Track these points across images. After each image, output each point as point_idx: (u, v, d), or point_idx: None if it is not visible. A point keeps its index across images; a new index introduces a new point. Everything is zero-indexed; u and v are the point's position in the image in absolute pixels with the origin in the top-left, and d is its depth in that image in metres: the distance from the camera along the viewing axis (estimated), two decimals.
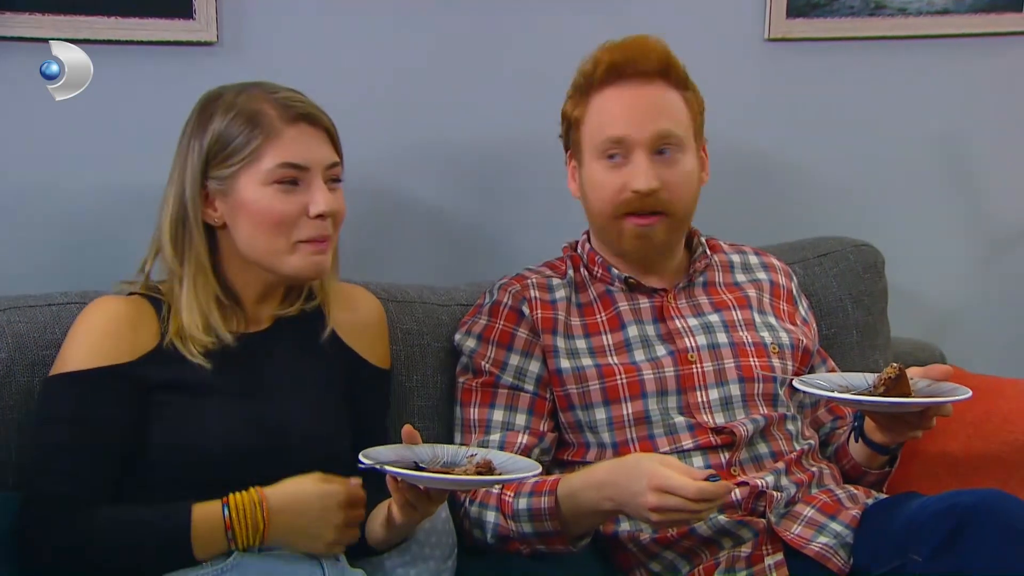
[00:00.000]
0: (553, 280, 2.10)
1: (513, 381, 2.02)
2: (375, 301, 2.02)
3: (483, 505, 1.93)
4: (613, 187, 2.01)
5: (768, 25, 2.53)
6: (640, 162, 1.99)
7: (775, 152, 2.59)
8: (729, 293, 2.12)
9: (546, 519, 1.86)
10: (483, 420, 2.02)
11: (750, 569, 1.89)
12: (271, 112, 1.78)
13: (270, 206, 1.77)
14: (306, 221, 1.79)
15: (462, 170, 2.40)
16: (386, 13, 2.31)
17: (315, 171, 1.79)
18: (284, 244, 1.79)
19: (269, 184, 1.77)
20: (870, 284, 2.44)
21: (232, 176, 1.78)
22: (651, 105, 2.02)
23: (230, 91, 1.81)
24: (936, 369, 1.87)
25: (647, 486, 1.72)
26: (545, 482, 1.88)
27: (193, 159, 1.79)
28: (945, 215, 2.71)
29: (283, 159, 1.77)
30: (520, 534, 1.89)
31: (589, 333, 2.05)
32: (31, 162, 2.14)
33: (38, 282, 2.01)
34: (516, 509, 1.88)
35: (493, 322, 2.06)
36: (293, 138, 1.78)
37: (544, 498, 1.86)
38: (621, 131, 2.00)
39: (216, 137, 1.78)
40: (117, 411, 1.75)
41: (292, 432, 1.81)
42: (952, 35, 2.64)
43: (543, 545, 1.89)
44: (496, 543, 1.92)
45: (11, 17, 2.07)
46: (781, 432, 2.03)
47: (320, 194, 1.78)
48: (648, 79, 2.02)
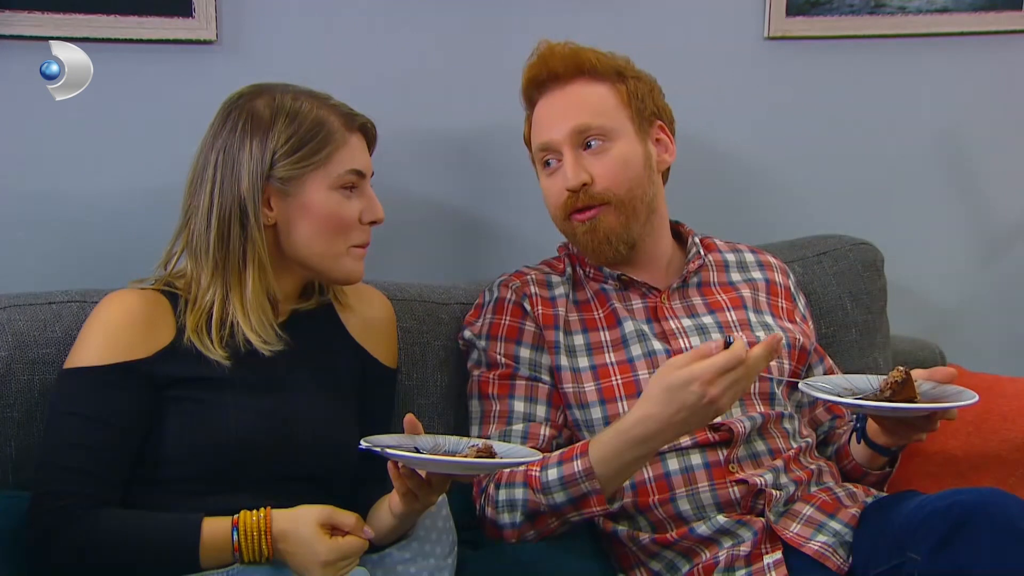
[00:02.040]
0: (552, 277, 2.10)
1: (530, 372, 2.03)
2: (385, 300, 2.04)
3: (510, 485, 1.91)
4: (554, 192, 2.05)
5: (768, 24, 2.53)
6: (567, 161, 2.03)
7: (774, 150, 2.59)
8: (724, 293, 2.12)
9: (582, 480, 1.84)
10: (504, 411, 2.01)
11: (749, 568, 1.89)
12: (336, 120, 1.84)
13: (337, 210, 1.84)
14: (359, 226, 1.86)
15: (462, 168, 2.40)
16: (385, 12, 2.31)
17: (367, 179, 1.89)
18: (341, 247, 1.85)
19: (336, 189, 1.83)
20: (869, 282, 2.44)
21: (299, 178, 1.82)
22: (567, 105, 2.05)
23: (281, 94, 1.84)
24: (940, 371, 1.87)
25: (700, 382, 1.72)
26: (573, 449, 1.87)
27: (255, 159, 1.81)
28: (945, 213, 2.71)
29: (351, 165, 1.85)
30: (553, 505, 1.87)
31: (587, 328, 2.05)
32: (31, 160, 2.14)
33: (39, 280, 2.02)
34: (547, 481, 1.87)
35: (499, 319, 2.06)
36: (355, 146, 1.87)
37: (576, 462, 1.85)
38: (545, 136, 2.05)
39: (286, 139, 1.81)
40: (131, 408, 1.76)
41: (304, 427, 1.82)
42: (952, 33, 2.63)
43: (576, 513, 1.87)
44: (525, 522, 1.90)
45: (11, 15, 2.07)
46: (778, 430, 2.03)
47: (374, 201, 1.88)
48: (565, 81, 2.06)
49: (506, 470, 1.92)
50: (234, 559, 1.71)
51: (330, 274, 1.88)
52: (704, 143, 2.12)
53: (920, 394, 1.81)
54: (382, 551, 1.89)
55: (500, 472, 1.93)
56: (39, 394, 1.88)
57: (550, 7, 2.37)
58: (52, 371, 1.88)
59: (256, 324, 1.81)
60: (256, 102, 1.83)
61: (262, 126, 1.81)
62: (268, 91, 1.85)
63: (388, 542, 1.88)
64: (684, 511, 1.94)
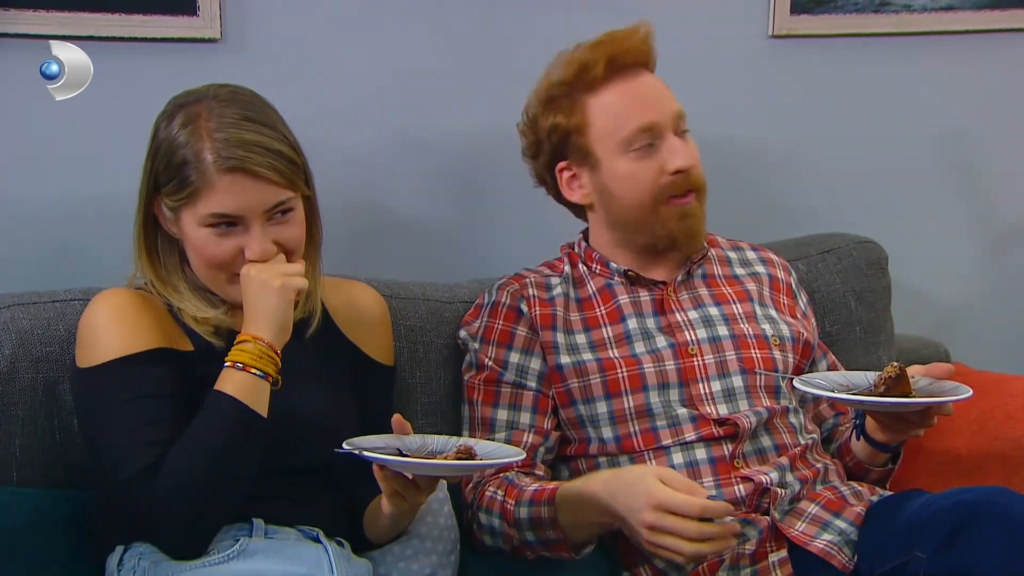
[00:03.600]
0: (551, 279, 2.10)
1: (515, 379, 2.02)
2: (376, 296, 2.01)
3: (489, 512, 1.93)
4: (649, 175, 2.01)
5: (772, 21, 2.53)
6: (674, 143, 2.01)
7: (778, 148, 2.59)
8: (729, 286, 2.12)
9: (547, 527, 1.85)
10: (487, 419, 2.02)
11: (754, 566, 1.89)
12: (207, 157, 1.74)
13: (204, 247, 1.78)
14: (242, 260, 1.78)
15: (465, 165, 2.40)
16: (389, 11, 2.31)
17: (251, 217, 1.76)
18: (225, 277, 1.80)
19: (204, 226, 1.77)
20: (873, 281, 2.43)
21: (176, 208, 1.78)
22: (662, 88, 2.05)
23: (185, 109, 1.78)
24: (938, 367, 1.87)
25: (646, 503, 1.71)
26: (544, 490, 1.87)
27: (144, 178, 1.81)
28: (949, 211, 2.71)
29: (214, 209, 1.75)
30: (524, 542, 1.89)
31: (589, 327, 2.05)
32: (35, 159, 2.14)
33: (43, 279, 2.02)
34: (518, 518, 1.88)
35: (492, 322, 2.06)
36: (226, 188, 1.74)
37: (544, 507, 1.85)
38: (650, 118, 2.01)
39: (164, 164, 1.77)
40: (176, 380, 1.75)
41: (300, 422, 1.81)
42: (957, 31, 2.63)
43: (547, 552, 1.89)
44: (506, 547, 1.92)
45: (16, 14, 2.07)
46: (784, 425, 2.03)
47: (255, 241, 1.76)
48: (641, 69, 2.05)
49: (491, 479, 1.92)
50: (268, 380, 1.71)
51: (226, 298, 1.82)
52: (707, 141, 2.11)
53: (916, 390, 1.81)
54: (383, 548, 1.90)
55: (485, 481, 1.93)
56: (43, 392, 1.88)
57: (552, 6, 2.37)
58: (56, 369, 1.88)
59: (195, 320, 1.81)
60: (167, 119, 1.80)
61: (151, 148, 1.80)
62: (187, 103, 1.79)
63: (386, 541, 1.89)
64: None
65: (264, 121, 1.78)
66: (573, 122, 2.04)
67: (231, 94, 1.80)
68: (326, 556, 1.75)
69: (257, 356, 1.72)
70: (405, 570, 1.91)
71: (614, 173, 2.03)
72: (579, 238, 2.15)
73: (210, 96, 1.78)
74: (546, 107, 2.06)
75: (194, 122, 1.76)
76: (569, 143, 2.05)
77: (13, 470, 1.88)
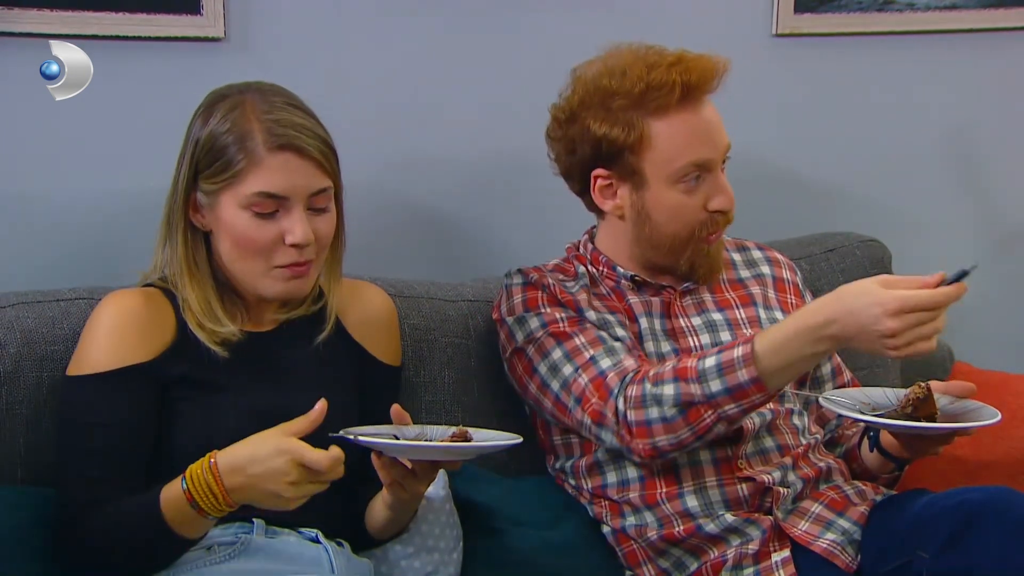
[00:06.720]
0: (567, 282, 2.06)
1: (596, 319, 1.99)
2: (385, 297, 2.01)
3: (658, 383, 1.84)
4: (693, 211, 1.98)
5: (776, 20, 2.53)
6: (720, 181, 1.98)
7: (782, 147, 2.59)
8: (733, 291, 2.12)
9: (740, 367, 1.77)
10: (592, 339, 1.95)
11: (757, 566, 1.89)
12: (258, 136, 1.74)
13: (245, 232, 1.76)
14: (283, 248, 1.77)
15: (470, 165, 2.40)
16: (395, 10, 2.31)
17: (295, 200, 1.76)
18: (262, 267, 1.78)
19: (247, 209, 1.76)
20: None
21: (215, 192, 1.77)
22: (719, 121, 1.99)
23: (229, 98, 1.79)
24: (957, 386, 1.86)
25: (882, 313, 1.68)
26: (734, 341, 1.82)
27: (183, 167, 1.80)
28: (953, 210, 2.71)
29: (261, 188, 1.74)
30: (708, 395, 1.80)
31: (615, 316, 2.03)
32: (39, 158, 2.14)
33: (47, 279, 2.02)
34: (703, 368, 1.80)
35: (533, 293, 2.02)
36: (275, 167, 1.74)
37: (737, 349, 1.79)
38: (707, 155, 1.96)
39: (207, 149, 1.77)
40: (141, 409, 1.76)
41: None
42: (961, 30, 2.63)
43: (734, 404, 1.79)
44: (678, 416, 1.82)
45: (19, 13, 2.07)
46: (787, 426, 2.03)
47: (298, 224, 1.75)
48: (706, 97, 1.99)
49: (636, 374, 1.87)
50: (199, 513, 1.63)
51: (256, 292, 1.81)
52: None
53: (939, 409, 1.80)
54: (384, 546, 1.90)
55: (647, 370, 1.87)
56: (48, 391, 1.88)
57: (556, 7, 2.37)
58: (61, 368, 1.87)
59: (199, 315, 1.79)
60: (210, 105, 1.80)
61: (193, 134, 1.79)
62: (231, 91, 1.80)
63: (388, 536, 1.88)
64: (692, 507, 1.94)
65: (307, 111, 1.81)
66: (631, 140, 1.96)
67: (272, 86, 1.82)
68: (326, 556, 1.76)
69: (207, 495, 1.62)
70: (407, 568, 1.91)
71: (660, 201, 1.98)
72: (584, 239, 2.14)
73: (252, 88, 1.80)
74: (599, 113, 1.97)
75: (240, 107, 1.77)
76: (617, 157, 1.99)
77: (18, 468, 1.88)
